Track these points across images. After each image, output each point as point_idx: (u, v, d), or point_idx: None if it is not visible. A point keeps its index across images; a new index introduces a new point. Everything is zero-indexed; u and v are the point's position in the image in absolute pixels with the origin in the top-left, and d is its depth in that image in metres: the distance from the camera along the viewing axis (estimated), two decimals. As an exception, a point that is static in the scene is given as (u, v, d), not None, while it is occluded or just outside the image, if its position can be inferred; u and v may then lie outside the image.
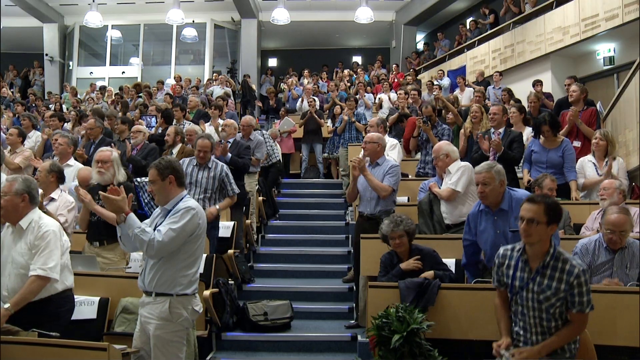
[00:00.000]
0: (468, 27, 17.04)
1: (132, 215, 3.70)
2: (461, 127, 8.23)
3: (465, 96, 12.37)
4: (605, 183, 5.72)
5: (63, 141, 6.95)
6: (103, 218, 5.06)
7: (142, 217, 4.83)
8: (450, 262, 5.25)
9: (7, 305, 3.76)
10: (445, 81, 14.49)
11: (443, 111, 9.14)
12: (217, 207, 6.26)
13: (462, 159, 6.21)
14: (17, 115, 11.67)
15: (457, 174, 5.68)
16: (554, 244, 3.39)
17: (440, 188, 5.85)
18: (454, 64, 16.32)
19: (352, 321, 6.22)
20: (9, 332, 3.76)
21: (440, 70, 15.45)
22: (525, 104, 8.80)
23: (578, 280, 3.26)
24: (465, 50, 16.18)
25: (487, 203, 4.59)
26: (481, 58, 15.19)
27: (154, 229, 3.72)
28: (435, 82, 13.99)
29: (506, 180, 4.67)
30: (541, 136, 6.66)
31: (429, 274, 4.67)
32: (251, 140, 8.29)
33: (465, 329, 4.37)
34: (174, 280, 3.73)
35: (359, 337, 5.36)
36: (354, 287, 6.57)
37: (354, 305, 6.42)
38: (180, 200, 3.84)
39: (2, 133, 8.67)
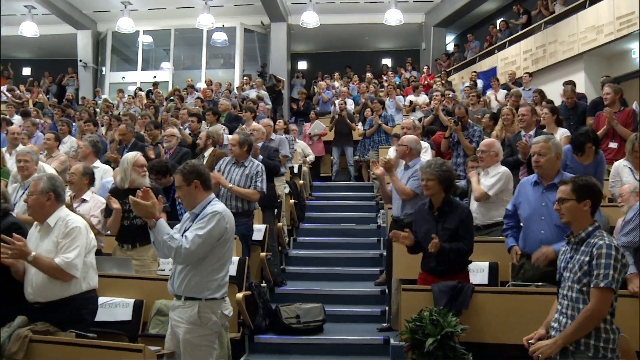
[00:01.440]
0: (498, 27, 16.86)
1: (162, 221, 3.70)
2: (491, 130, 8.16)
3: (499, 97, 12.23)
4: (621, 189, 5.61)
5: (83, 144, 7.12)
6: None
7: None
8: (483, 266, 5.22)
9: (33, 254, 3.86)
10: (478, 83, 14.35)
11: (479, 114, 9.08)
12: (231, 185, 6.23)
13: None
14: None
15: (494, 178, 5.65)
16: (596, 223, 3.34)
17: None
18: (485, 65, 16.14)
19: (385, 324, 6.21)
20: (47, 332, 3.83)
21: (474, 71, 15.30)
22: (558, 103, 8.69)
23: (599, 251, 3.14)
24: (496, 51, 16.00)
25: (540, 172, 4.62)
26: (512, 59, 15.01)
27: (183, 234, 3.73)
28: (467, 84, 13.91)
29: (562, 155, 4.69)
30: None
31: (434, 243, 4.40)
32: (273, 141, 8.35)
33: (498, 332, 4.32)
34: (203, 285, 3.71)
35: (392, 341, 5.35)
36: (386, 290, 6.55)
37: (387, 308, 6.41)
38: (208, 204, 3.82)
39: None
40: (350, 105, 13.37)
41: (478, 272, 5.20)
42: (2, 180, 6.33)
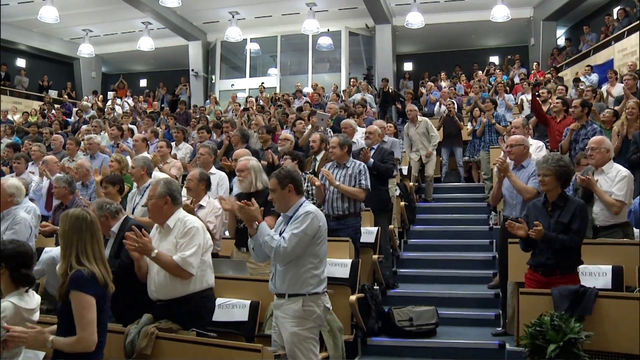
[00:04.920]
0: (616, 16, 15.95)
1: (264, 224, 3.91)
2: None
3: (616, 91, 11.58)
4: None
5: (204, 151, 7.33)
6: None
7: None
8: (606, 269, 4.98)
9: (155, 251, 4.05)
10: (594, 77, 13.65)
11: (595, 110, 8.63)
12: (339, 183, 6.27)
13: (614, 160, 5.86)
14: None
15: (621, 184, 5.41)
16: None
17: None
18: (600, 58, 15.28)
19: (499, 329, 6.05)
20: (171, 329, 4.02)
21: (588, 65, 14.56)
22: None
23: None
24: (613, 42, 15.15)
25: None
26: (632, 49, 14.09)
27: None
28: (582, 79, 13.26)
29: None
30: None
31: (536, 230, 4.34)
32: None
33: (625, 341, 4.07)
34: (305, 281, 3.90)
35: (507, 346, 5.23)
36: (500, 294, 6.38)
37: (501, 312, 6.24)
38: (300, 206, 4.02)
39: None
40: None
41: (600, 275, 4.97)
42: (126, 186, 6.70)
